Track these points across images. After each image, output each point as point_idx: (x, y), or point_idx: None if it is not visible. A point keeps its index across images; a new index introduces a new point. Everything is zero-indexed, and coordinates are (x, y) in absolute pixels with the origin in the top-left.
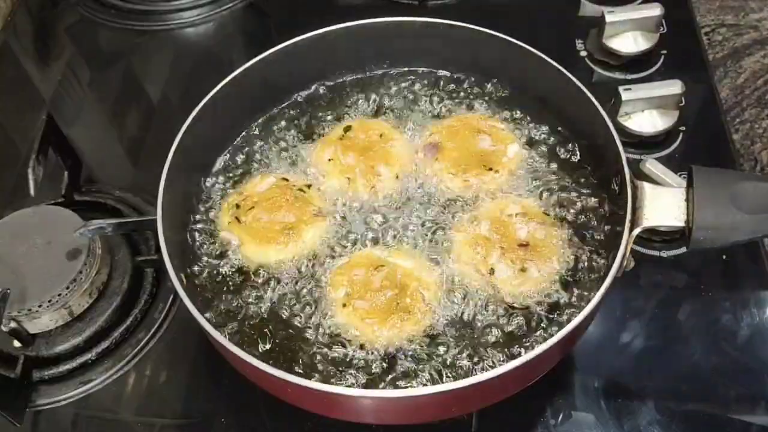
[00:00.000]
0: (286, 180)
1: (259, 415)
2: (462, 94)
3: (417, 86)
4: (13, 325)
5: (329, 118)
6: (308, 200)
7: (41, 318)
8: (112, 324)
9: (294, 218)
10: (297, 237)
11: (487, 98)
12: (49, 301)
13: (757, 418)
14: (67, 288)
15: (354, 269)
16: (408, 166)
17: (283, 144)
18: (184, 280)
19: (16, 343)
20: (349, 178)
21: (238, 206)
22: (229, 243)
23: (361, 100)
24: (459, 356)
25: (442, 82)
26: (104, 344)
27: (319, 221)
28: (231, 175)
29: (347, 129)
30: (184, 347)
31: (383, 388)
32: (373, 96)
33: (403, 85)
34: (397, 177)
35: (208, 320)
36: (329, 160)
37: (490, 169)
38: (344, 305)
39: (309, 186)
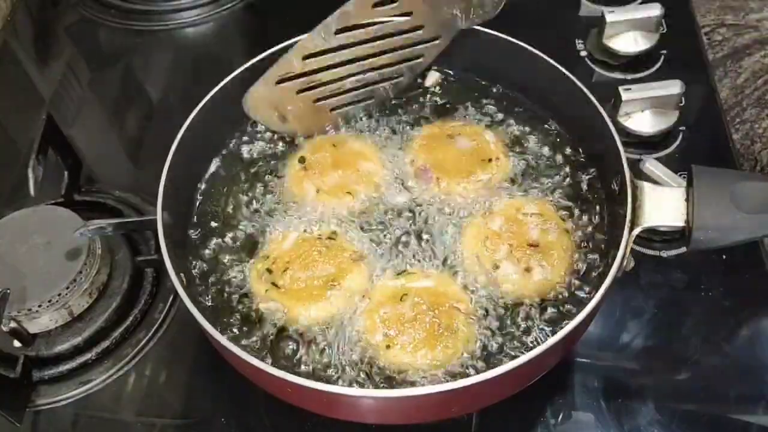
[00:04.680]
0: (307, 232)
1: (259, 415)
2: (462, 94)
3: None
4: (13, 325)
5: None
6: (341, 246)
7: (41, 318)
8: (112, 324)
9: (334, 269)
10: (342, 287)
11: (486, 98)
12: (49, 301)
13: (757, 418)
14: (67, 288)
15: (380, 309)
16: (379, 157)
17: (282, 143)
18: (184, 280)
19: (16, 343)
20: (349, 193)
21: (269, 271)
22: (273, 313)
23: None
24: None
25: (441, 83)
26: (104, 344)
27: (358, 266)
28: (231, 174)
29: (302, 160)
30: (184, 347)
31: None
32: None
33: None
34: (381, 165)
35: (208, 320)
36: (317, 192)
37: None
38: (388, 347)
39: (335, 233)
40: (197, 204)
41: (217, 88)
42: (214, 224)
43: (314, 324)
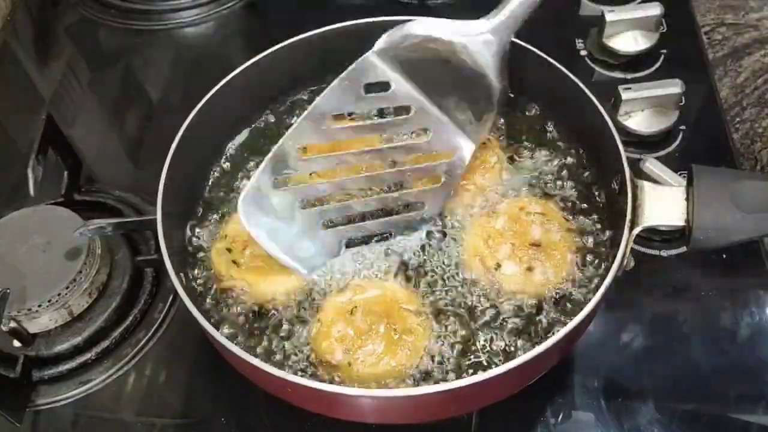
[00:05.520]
0: None
1: (259, 415)
2: None
3: None
4: (12, 324)
5: None
6: None
7: (41, 318)
8: (112, 324)
9: None
10: None
11: None
12: (49, 301)
13: (757, 418)
14: (67, 288)
15: (333, 327)
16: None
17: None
18: (184, 280)
19: (16, 343)
20: None
21: (229, 250)
22: (237, 289)
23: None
24: (471, 354)
25: None
26: (104, 344)
27: None
28: (232, 173)
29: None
30: (184, 347)
31: None
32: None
33: None
34: None
35: (208, 320)
36: (310, 175)
37: None
38: (349, 364)
39: None
40: (197, 203)
41: (217, 88)
42: (214, 223)
43: (280, 297)
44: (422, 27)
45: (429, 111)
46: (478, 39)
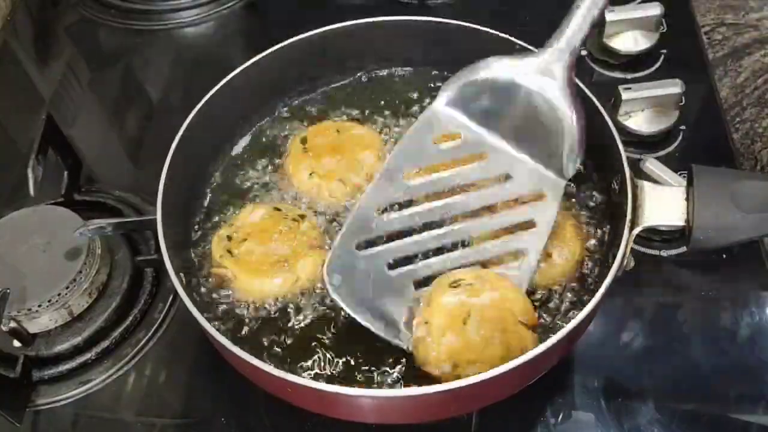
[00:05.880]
0: (279, 210)
1: (259, 415)
2: None
3: (414, 86)
4: (12, 324)
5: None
6: (303, 231)
7: (41, 318)
8: (112, 324)
9: (288, 250)
10: (291, 270)
11: None
12: (49, 301)
13: (757, 418)
14: (67, 288)
15: (443, 337)
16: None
17: (280, 143)
18: (184, 280)
19: (16, 343)
20: (341, 180)
21: (230, 238)
22: (224, 278)
23: (355, 101)
24: None
25: (439, 82)
26: (104, 344)
27: (314, 253)
28: (231, 173)
29: (303, 140)
30: (184, 347)
31: None
32: (370, 97)
33: (401, 85)
34: (378, 157)
35: (208, 320)
36: (311, 175)
37: None
38: (458, 376)
39: (303, 216)
40: (197, 203)
41: (217, 88)
42: (213, 223)
43: (260, 298)
44: (478, 70)
45: (505, 153)
46: (538, 73)
